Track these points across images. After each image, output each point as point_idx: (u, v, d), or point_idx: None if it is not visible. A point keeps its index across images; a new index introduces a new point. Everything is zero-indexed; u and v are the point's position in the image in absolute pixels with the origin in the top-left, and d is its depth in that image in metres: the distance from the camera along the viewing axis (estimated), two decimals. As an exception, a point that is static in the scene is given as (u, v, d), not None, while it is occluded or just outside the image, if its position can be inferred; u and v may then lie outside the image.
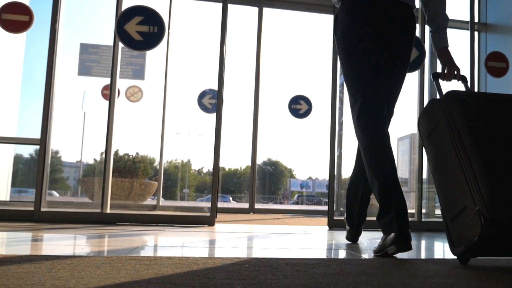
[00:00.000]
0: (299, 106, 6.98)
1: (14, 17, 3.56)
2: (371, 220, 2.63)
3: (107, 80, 4.32)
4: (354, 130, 2.21)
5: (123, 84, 6.41)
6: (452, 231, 1.81)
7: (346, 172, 6.34)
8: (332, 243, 2.58)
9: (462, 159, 1.71)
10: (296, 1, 6.32)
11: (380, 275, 1.47)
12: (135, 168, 7.83)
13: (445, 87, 2.08)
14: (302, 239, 2.73)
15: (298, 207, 17.33)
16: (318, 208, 12.93)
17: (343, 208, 6.85)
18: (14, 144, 4.95)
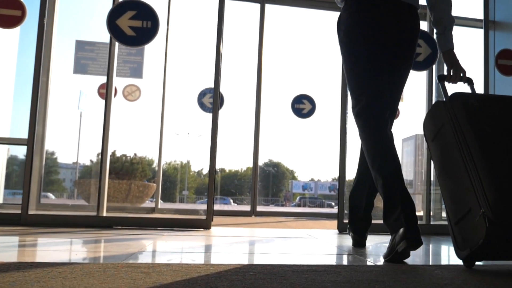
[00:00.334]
0: (302, 106, 6.92)
1: (6, 11, 3.49)
2: (378, 223, 2.58)
3: (103, 79, 4.27)
4: (358, 133, 2.21)
5: (120, 83, 6.35)
6: (457, 234, 1.80)
7: (350, 174, 6.29)
8: (339, 248, 2.51)
9: (467, 161, 1.72)
10: (299, -3, 6.27)
11: (393, 283, 1.40)
12: (133, 169, 7.78)
13: (451, 89, 2.09)
14: (307, 243, 2.67)
15: (301, 209, 17.27)
16: (321, 210, 12.88)
17: (347, 211, 6.80)
18: (1, 144, 4.88)
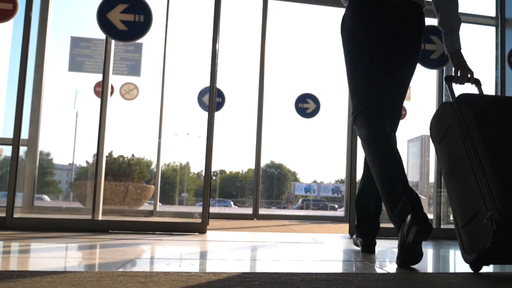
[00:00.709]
0: (306, 105, 6.85)
1: (-3, 4, 3.42)
2: (387, 227, 2.52)
3: (100, 77, 4.21)
4: (358, 135, 2.23)
5: (117, 81, 6.28)
6: (464, 237, 1.80)
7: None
8: (347, 253, 2.43)
9: (474, 164, 1.71)
10: (304, -8, 6.20)
11: (411, 294, 1.32)
12: (131, 171, 7.72)
13: (458, 90, 2.10)
14: (314, 249, 2.59)
15: (305, 212, 17.21)
16: (325, 213, 12.81)
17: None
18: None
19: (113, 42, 3.53)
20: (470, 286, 1.48)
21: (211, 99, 3.33)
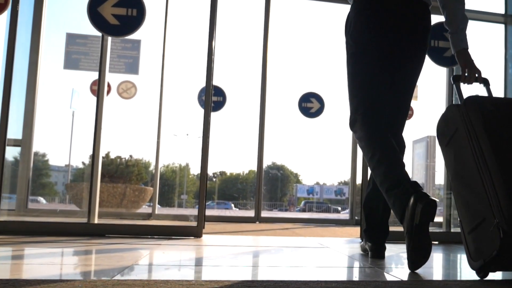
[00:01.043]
0: (310, 105, 6.78)
1: (-13, -2, 3.36)
2: (397, 230, 2.46)
3: (96, 75, 4.15)
4: (356, 137, 2.25)
5: (115, 79, 6.22)
6: (470, 244, 1.79)
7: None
8: (355, 259, 2.36)
9: (481, 169, 1.70)
10: (307, -12, 6.14)
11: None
12: (128, 172, 7.67)
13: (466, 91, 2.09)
14: (320, 254, 2.52)
15: (308, 215, 17.15)
16: (329, 216, 12.76)
17: (357, 217, 6.65)
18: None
19: (109, 38, 3.47)
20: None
21: (207, 97, 3.27)
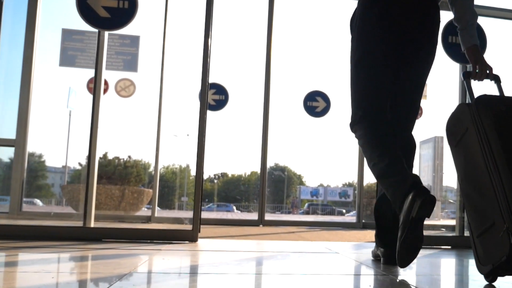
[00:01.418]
0: (316, 103, 6.72)
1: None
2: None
3: (93, 72, 4.08)
4: (356, 136, 2.26)
5: (113, 77, 6.17)
6: (479, 248, 1.79)
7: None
8: (367, 265, 2.28)
9: (491, 171, 1.69)
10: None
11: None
12: (127, 173, 7.64)
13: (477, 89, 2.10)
14: (329, 260, 2.44)
15: (313, 218, 17.06)
16: (334, 219, 12.68)
17: (365, 220, 6.57)
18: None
19: (106, 34, 3.40)
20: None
21: (202, 95, 3.20)
